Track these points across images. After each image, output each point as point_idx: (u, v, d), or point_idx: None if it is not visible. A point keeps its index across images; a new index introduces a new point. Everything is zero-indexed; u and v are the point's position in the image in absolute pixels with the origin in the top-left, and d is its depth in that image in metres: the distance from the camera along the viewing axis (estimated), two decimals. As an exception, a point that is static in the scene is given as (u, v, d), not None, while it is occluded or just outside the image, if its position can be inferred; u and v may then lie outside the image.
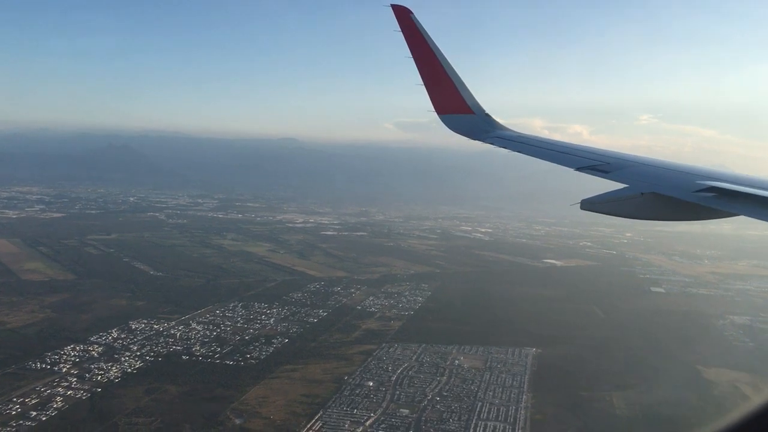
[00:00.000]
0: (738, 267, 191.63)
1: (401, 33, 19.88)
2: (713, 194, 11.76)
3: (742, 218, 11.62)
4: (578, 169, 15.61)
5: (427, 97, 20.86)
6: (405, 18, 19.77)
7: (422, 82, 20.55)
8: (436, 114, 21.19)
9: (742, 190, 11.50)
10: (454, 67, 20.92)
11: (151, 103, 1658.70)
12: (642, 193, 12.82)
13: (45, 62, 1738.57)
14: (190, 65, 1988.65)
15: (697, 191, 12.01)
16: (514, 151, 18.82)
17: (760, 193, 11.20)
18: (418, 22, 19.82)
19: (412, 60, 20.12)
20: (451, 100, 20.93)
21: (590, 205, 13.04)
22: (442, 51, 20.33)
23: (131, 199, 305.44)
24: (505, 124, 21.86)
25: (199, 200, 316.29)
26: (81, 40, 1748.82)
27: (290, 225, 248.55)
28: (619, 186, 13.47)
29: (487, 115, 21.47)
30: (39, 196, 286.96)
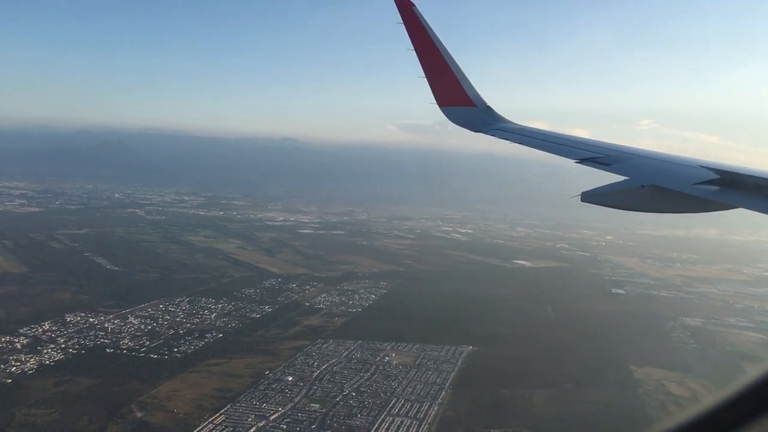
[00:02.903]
0: (710, 270, 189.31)
1: (403, 26, 19.91)
2: (713, 187, 11.73)
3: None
4: (579, 161, 15.49)
5: (430, 96, 20.95)
6: (407, 10, 19.78)
7: (424, 75, 20.53)
8: (438, 116, 21.30)
9: (743, 173, 11.58)
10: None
11: (152, 102, 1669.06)
12: (642, 186, 12.82)
13: (46, 59, 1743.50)
14: (193, 64, 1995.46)
15: (696, 183, 11.97)
16: (515, 142, 18.78)
17: (761, 182, 11.18)
18: (420, 13, 19.83)
19: (414, 54, 20.16)
20: (452, 92, 20.97)
21: (591, 197, 13.11)
22: (443, 43, 20.35)
23: (116, 195, 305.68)
24: (503, 117, 21.85)
25: (186, 197, 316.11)
26: (84, 38, 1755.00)
27: (269, 223, 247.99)
28: (620, 179, 13.44)
29: (489, 107, 21.44)
30: (23, 191, 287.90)
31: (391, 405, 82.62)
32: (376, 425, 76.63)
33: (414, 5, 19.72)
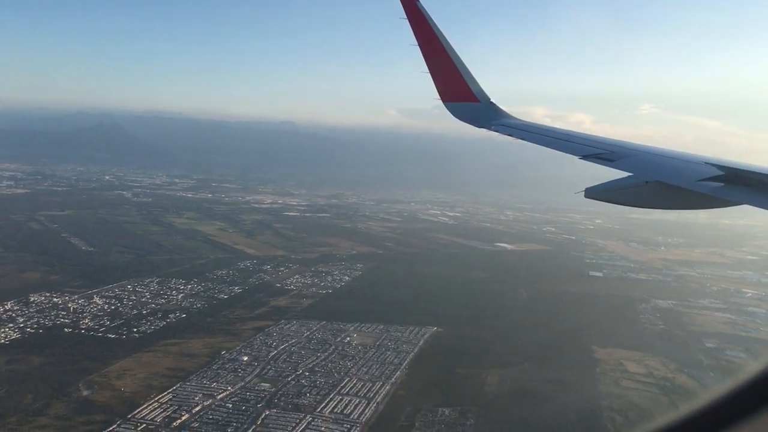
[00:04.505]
0: (692, 254, 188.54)
1: (407, 20, 19.74)
2: (717, 183, 11.71)
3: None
4: (583, 157, 15.59)
5: (432, 84, 20.91)
6: (411, 6, 19.65)
7: (428, 70, 20.48)
8: (439, 101, 21.28)
9: (747, 169, 11.51)
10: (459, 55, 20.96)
11: (149, 84, 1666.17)
12: (646, 182, 12.93)
13: (42, 42, 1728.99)
14: (191, 47, 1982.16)
15: (700, 180, 11.95)
16: (518, 138, 18.80)
17: (765, 179, 11.11)
18: (424, 9, 19.69)
19: (418, 48, 20.05)
20: (456, 88, 21.02)
21: (594, 193, 13.35)
22: (448, 39, 20.23)
23: (107, 177, 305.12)
24: (507, 112, 21.93)
25: (176, 180, 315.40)
26: (80, 21, 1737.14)
27: (255, 205, 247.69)
28: (624, 175, 13.56)
29: (492, 103, 21.47)
30: (13, 173, 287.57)
31: (342, 384, 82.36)
32: (324, 404, 76.40)
33: (418, 0, 19.57)
